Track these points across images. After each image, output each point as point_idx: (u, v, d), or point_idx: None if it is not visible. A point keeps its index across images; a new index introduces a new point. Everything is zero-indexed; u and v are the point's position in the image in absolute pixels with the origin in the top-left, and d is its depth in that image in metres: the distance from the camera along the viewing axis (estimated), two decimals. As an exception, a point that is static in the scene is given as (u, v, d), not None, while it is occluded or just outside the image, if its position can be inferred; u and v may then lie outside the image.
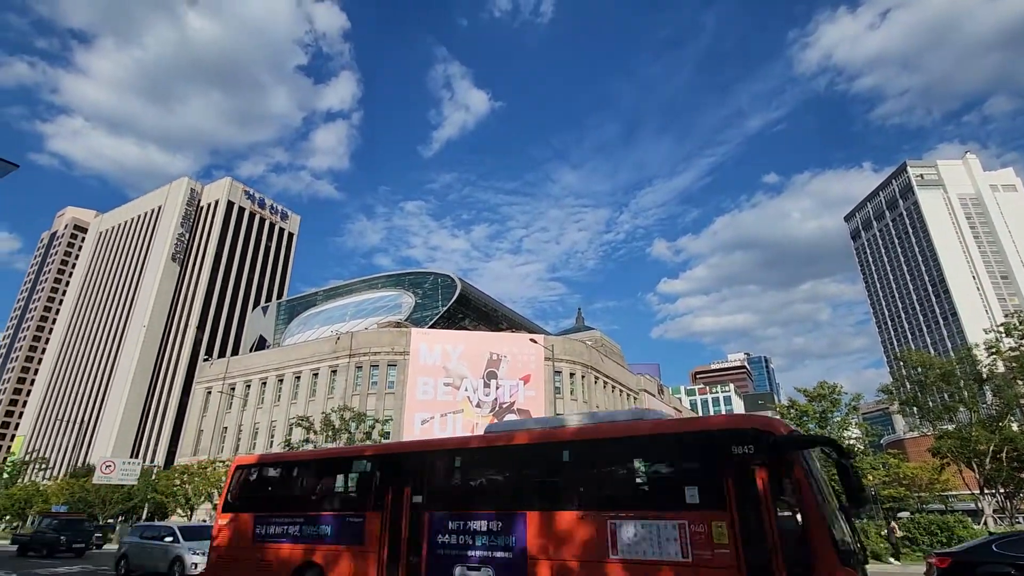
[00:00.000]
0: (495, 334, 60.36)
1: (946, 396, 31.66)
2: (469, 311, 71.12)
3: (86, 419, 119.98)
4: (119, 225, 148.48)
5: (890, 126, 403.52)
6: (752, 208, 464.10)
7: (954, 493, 52.44)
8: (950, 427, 30.81)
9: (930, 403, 32.42)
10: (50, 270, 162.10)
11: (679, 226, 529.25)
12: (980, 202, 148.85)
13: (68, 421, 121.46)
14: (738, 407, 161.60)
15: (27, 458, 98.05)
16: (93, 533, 36.43)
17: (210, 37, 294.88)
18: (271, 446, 54.50)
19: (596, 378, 59.44)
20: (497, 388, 51.77)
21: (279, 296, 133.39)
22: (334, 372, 54.60)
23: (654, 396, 77.24)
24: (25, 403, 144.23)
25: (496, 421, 51.53)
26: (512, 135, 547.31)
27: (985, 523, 29.09)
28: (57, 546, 30.45)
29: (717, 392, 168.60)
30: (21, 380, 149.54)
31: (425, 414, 50.24)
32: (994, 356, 28.96)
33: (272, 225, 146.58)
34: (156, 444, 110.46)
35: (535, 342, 52.46)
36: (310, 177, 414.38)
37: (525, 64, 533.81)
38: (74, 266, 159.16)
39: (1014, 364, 28.25)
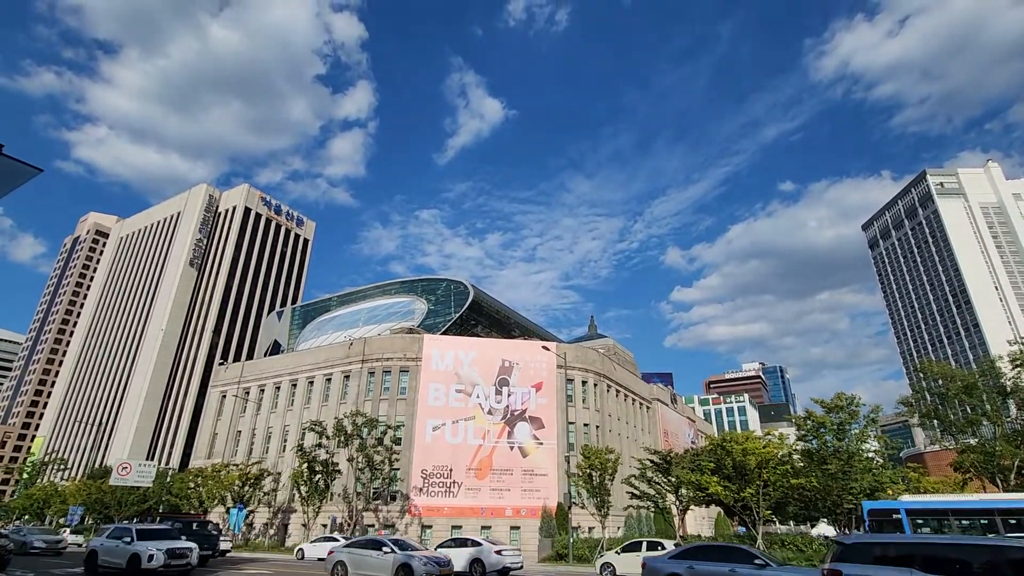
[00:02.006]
0: (507, 341, 60.29)
1: (968, 409, 30.93)
2: (481, 318, 71.15)
3: (104, 421, 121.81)
4: (139, 230, 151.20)
5: (909, 134, 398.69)
6: (767, 217, 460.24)
7: (977, 509, 51.13)
8: (973, 441, 30.09)
9: (951, 416, 31.68)
10: (72, 274, 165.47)
11: (693, 234, 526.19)
12: (1003, 211, 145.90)
13: (86, 423, 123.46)
14: (752, 417, 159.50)
15: (46, 459, 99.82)
16: (218, 538, 31.27)
17: (232, 47, 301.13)
18: (284, 450, 54.82)
19: (608, 386, 59.03)
20: (509, 395, 51.60)
21: (294, 301, 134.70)
22: (347, 377, 54.85)
23: (667, 405, 76.46)
24: (46, 404, 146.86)
25: (508, 428, 51.28)
26: (526, 144, 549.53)
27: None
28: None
29: (731, 402, 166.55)
30: (42, 382, 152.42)
31: (436, 420, 50.22)
32: (1019, 369, 28.27)
33: (288, 231, 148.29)
34: (171, 446, 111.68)
35: (547, 349, 52.30)
36: (326, 184, 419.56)
37: (539, 73, 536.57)
38: (95, 270, 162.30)
39: (1039, 377, 27.56)
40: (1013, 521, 20.14)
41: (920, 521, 21.00)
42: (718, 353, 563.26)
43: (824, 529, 63.18)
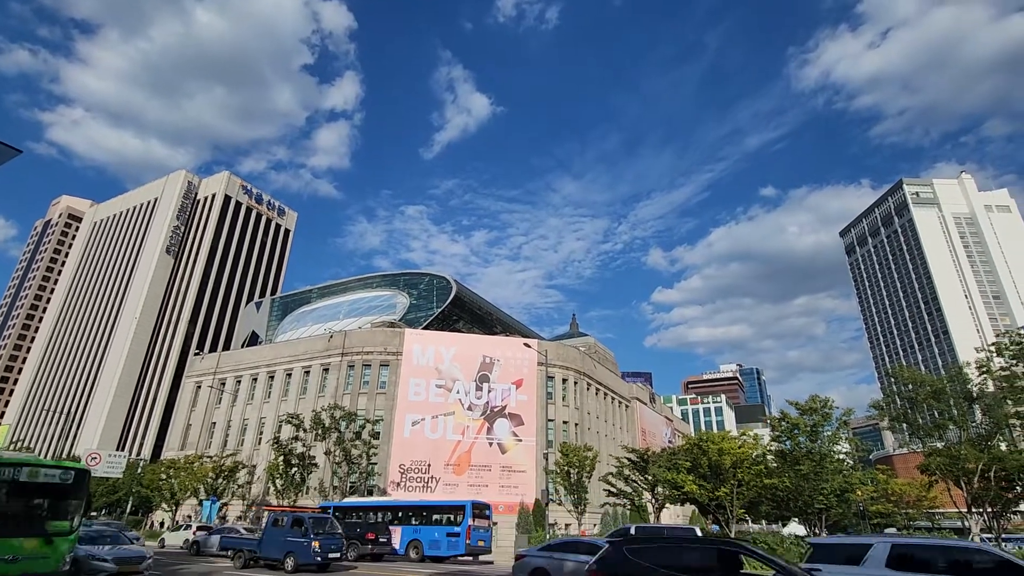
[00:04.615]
0: (489, 337, 60.26)
1: (936, 414, 31.76)
2: (464, 313, 70.96)
3: (73, 410, 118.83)
4: (114, 216, 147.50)
5: (888, 145, 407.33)
6: (749, 221, 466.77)
7: (942, 511, 52.74)
8: (939, 445, 30.90)
9: (920, 420, 32.50)
10: (42, 259, 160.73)
11: (675, 237, 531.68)
12: (974, 221, 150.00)
13: (55, 411, 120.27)
14: (729, 418, 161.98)
15: (11, 448, 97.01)
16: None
17: (217, 32, 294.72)
18: (259, 443, 54.11)
19: (588, 384, 59.39)
20: (489, 391, 51.62)
21: (273, 292, 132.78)
22: (326, 370, 54.31)
23: (646, 404, 77.23)
24: (12, 392, 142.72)
25: (488, 425, 51.35)
26: (513, 141, 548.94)
27: (972, 541, 29.12)
28: None
29: (709, 402, 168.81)
30: (8, 368, 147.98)
31: (416, 415, 50.04)
32: (985, 375, 29.07)
33: (268, 221, 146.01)
34: (143, 437, 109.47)
35: (529, 346, 52.39)
36: (310, 175, 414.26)
37: (528, 71, 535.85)
38: (67, 255, 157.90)
39: (1004, 384, 28.38)
40: (390, 515, 32.75)
41: (337, 513, 31.46)
42: (697, 354, 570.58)
43: (795, 528, 64.49)
